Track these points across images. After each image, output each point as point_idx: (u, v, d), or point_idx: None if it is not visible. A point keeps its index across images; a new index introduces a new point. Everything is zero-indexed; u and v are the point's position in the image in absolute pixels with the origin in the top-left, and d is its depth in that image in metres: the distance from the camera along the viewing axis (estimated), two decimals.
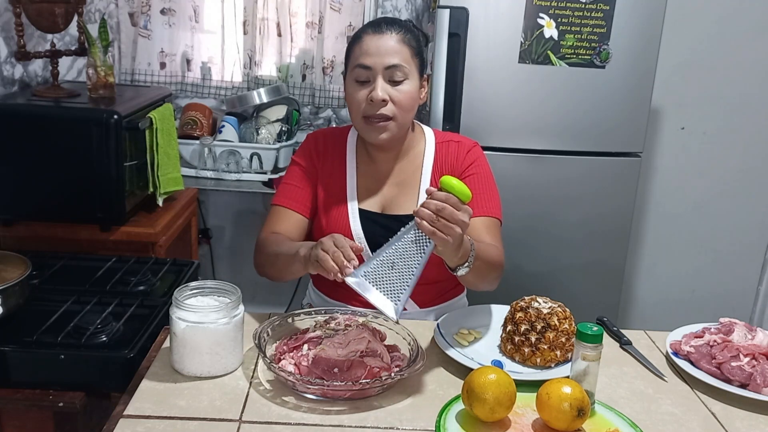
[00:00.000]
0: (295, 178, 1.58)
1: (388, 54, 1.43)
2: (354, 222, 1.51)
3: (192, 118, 2.64)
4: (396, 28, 1.46)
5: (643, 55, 2.27)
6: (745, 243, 3.02)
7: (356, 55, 1.46)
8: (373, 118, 1.45)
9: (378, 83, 1.43)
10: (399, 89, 1.44)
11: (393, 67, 1.43)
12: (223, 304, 1.20)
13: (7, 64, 2.03)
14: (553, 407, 1.05)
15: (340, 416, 1.10)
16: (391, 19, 1.51)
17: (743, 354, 1.26)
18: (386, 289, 1.17)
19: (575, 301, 1.59)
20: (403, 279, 1.17)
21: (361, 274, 1.16)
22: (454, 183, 1.15)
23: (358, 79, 1.45)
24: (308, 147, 1.60)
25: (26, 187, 1.87)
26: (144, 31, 2.81)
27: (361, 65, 1.44)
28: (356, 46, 1.47)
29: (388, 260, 1.17)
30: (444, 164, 1.57)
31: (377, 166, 1.57)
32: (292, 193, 1.56)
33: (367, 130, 1.48)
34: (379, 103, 1.43)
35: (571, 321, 1.28)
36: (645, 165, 2.79)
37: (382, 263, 1.17)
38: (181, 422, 1.06)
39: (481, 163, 1.57)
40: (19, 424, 1.34)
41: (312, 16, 2.83)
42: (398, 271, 1.17)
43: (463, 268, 1.27)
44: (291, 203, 1.55)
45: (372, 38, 1.44)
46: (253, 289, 2.96)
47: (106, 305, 1.51)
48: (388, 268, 1.17)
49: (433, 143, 1.59)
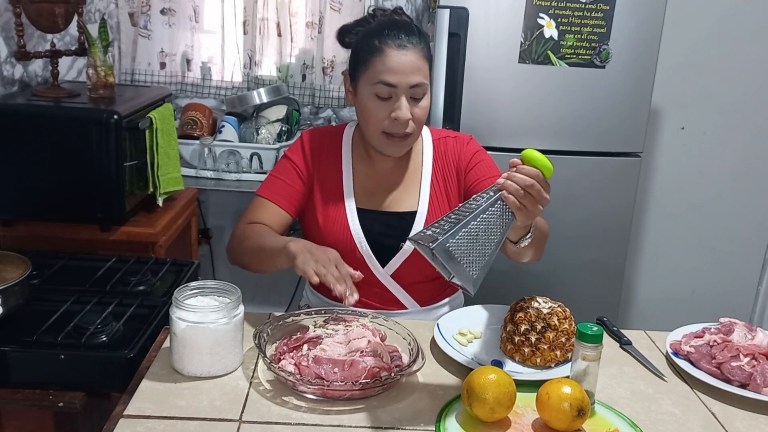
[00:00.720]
0: (284, 173, 1.56)
1: (413, 72, 1.42)
2: (352, 220, 1.51)
3: (192, 118, 2.64)
4: (415, 40, 1.44)
5: (643, 55, 2.27)
6: (744, 243, 3.02)
7: (378, 70, 1.42)
8: (395, 136, 1.45)
9: (402, 102, 1.42)
10: (419, 106, 1.45)
11: (416, 85, 1.43)
12: (223, 304, 1.20)
13: (7, 64, 2.03)
14: (553, 407, 1.05)
15: (340, 416, 1.10)
16: (407, 25, 1.47)
17: (743, 354, 1.26)
18: (468, 262, 1.10)
19: (575, 301, 1.59)
20: (485, 252, 1.11)
21: (446, 246, 1.08)
22: (540, 157, 1.11)
23: (380, 95, 1.43)
24: (302, 145, 1.59)
25: (26, 187, 1.87)
26: (144, 31, 2.81)
27: (384, 82, 1.42)
28: (377, 60, 1.43)
29: (473, 232, 1.11)
30: (444, 160, 1.58)
31: (375, 164, 1.57)
32: (280, 187, 1.55)
33: (386, 145, 1.48)
34: (404, 123, 1.43)
35: (571, 321, 1.28)
36: (645, 165, 2.79)
37: (468, 234, 1.10)
38: (181, 422, 1.06)
39: (482, 153, 1.60)
40: (19, 424, 1.34)
41: (312, 16, 2.83)
42: (481, 244, 1.11)
43: (526, 239, 1.28)
44: (276, 198, 1.53)
45: (396, 54, 1.41)
46: (253, 289, 2.97)
47: (106, 305, 1.51)
48: (472, 240, 1.10)
49: (430, 140, 1.60)
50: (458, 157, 1.58)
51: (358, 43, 1.50)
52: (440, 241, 1.08)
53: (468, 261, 1.10)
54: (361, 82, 1.47)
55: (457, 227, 1.09)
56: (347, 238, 1.50)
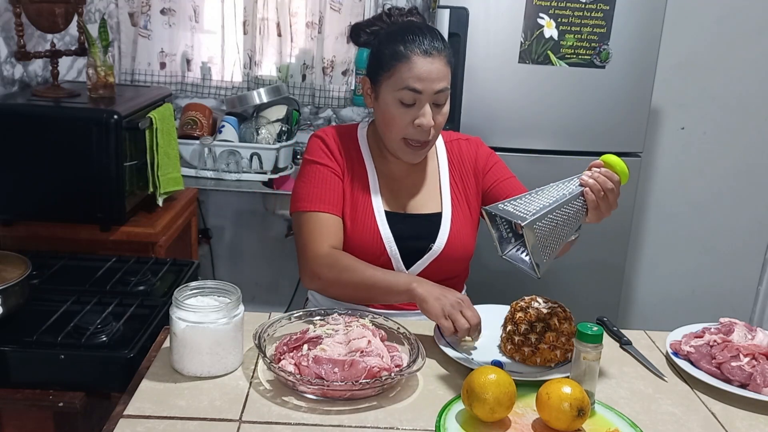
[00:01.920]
0: (321, 179, 1.51)
1: (438, 80, 1.41)
2: (381, 223, 1.50)
3: (192, 118, 2.64)
4: (440, 47, 1.43)
5: (643, 55, 2.27)
6: (745, 243, 3.02)
7: (405, 77, 1.40)
8: (415, 144, 1.45)
9: (426, 110, 1.42)
10: (441, 112, 1.45)
11: (440, 92, 1.43)
12: (223, 304, 1.20)
13: (7, 64, 2.03)
14: (553, 407, 1.05)
15: (340, 416, 1.10)
16: (431, 30, 1.45)
17: (743, 354, 1.26)
18: (544, 246, 1.14)
19: (575, 301, 1.59)
20: (557, 241, 1.16)
21: (534, 225, 1.12)
22: (619, 163, 1.18)
23: (405, 101, 1.42)
24: (324, 146, 1.54)
25: (26, 187, 1.87)
26: (144, 31, 2.81)
27: (411, 88, 1.41)
28: (403, 66, 1.41)
29: (556, 220, 1.15)
30: (461, 161, 1.60)
31: (392, 167, 1.57)
32: (327, 195, 1.49)
33: (406, 151, 1.48)
34: (427, 130, 1.43)
35: (571, 321, 1.28)
36: (645, 165, 2.79)
37: (552, 221, 1.14)
38: (181, 422, 1.06)
39: (494, 153, 1.63)
40: (19, 424, 1.34)
41: (312, 16, 2.83)
42: (557, 233, 1.16)
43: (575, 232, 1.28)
44: (330, 207, 1.48)
45: (423, 62, 1.40)
46: (253, 289, 2.97)
47: (106, 305, 1.51)
48: (553, 227, 1.15)
49: (443, 143, 1.62)
50: (474, 159, 1.60)
51: (380, 46, 1.47)
52: (529, 221, 1.11)
53: (544, 246, 1.14)
54: (384, 86, 1.45)
55: (545, 212, 1.13)
56: (377, 241, 1.49)
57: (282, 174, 2.60)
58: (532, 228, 1.11)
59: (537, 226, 1.12)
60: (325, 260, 1.44)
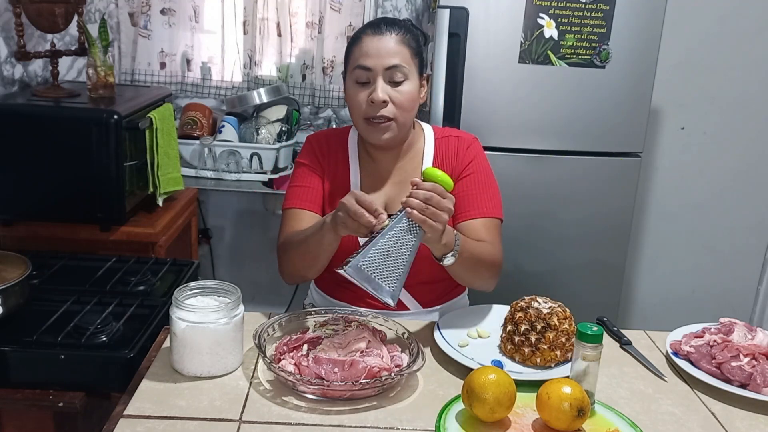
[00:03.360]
0: (302, 179, 1.57)
1: (389, 55, 1.43)
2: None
3: (192, 118, 2.64)
4: (395, 29, 1.46)
5: (643, 55, 2.27)
6: (745, 243, 3.02)
7: (356, 57, 1.46)
8: (375, 119, 1.45)
9: (378, 84, 1.43)
10: (399, 90, 1.45)
11: (393, 67, 1.43)
12: (223, 304, 1.20)
13: (7, 64, 2.04)
14: (553, 407, 1.05)
15: (340, 416, 1.10)
16: (391, 19, 1.51)
17: (743, 354, 1.26)
18: (383, 277, 1.21)
19: (575, 301, 1.59)
20: (398, 266, 1.22)
21: (358, 265, 1.19)
22: (438, 173, 1.23)
23: (359, 80, 1.45)
24: (310, 148, 1.60)
25: (26, 187, 1.87)
26: (144, 31, 2.81)
27: (361, 66, 1.44)
28: (356, 48, 1.47)
29: (383, 249, 1.21)
30: (444, 160, 1.56)
31: (378, 165, 1.57)
32: (303, 194, 1.55)
33: (368, 131, 1.48)
34: (379, 104, 1.43)
35: (571, 321, 1.28)
36: (645, 165, 2.78)
37: (378, 253, 1.20)
38: (181, 422, 1.06)
39: (480, 161, 1.57)
40: (19, 424, 1.34)
41: (312, 16, 2.83)
42: (393, 259, 1.21)
43: (449, 257, 1.31)
44: (303, 204, 1.54)
45: (371, 39, 1.45)
46: (253, 289, 2.97)
47: (106, 305, 1.51)
48: (383, 257, 1.21)
49: (432, 139, 1.59)
50: (455, 159, 1.56)
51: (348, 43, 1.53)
52: (351, 263, 1.18)
53: (383, 276, 1.21)
54: (347, 74, 1.50)
55: (368, 247, 1.20)
56: (352, 239, 1.50)
57: (282, 174, 2.60)
58: (358, 268, 1.19)
59: (363, 263, 1.19)
60: (282, 246, 1.50)
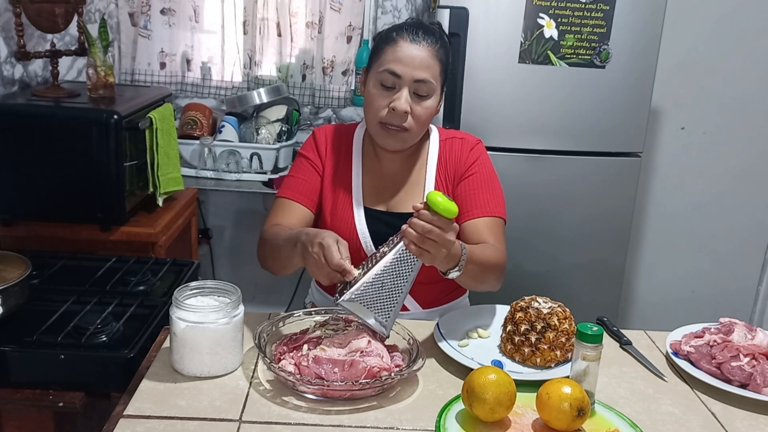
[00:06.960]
0: (300, 171, 1.57)
1: (420, 67, 1.41)
2: (359, 221, 1.51)
3: (192, 118, 2.64)
4: (432, 40, 1.44)
5: (643, 55, 2.27)
6: (744, 243, 3.02)
7: (387, 58, 1.43)
8: (391, 126, 1.45)
9: (403, 94, 1.42)
10: (422, 104, 1.44)
11: (421, 81, 1.42)
12: (223, 304, 1.20)
13: (7, 64, 2.03)
14: (553, 407, 1.05)
15: (340, 416, 1.10)
16: (428, 26, 1.47)
17: (743, 354, 1.26)
18: (377, 308, 1.20)
19: (575, 301, 1.59)
20: (393, 297, 1.21)
21: (354, 297, 1.18)
22: (440, 201, 1.15)
23: (384, 83, 1.43)
24: (315, 141, 1.59)
25: (26, 187, 1.87)
26: (144, 31, 2.81)
27: (390, 71, 1.42)
28: (389, 48, 1.44)
29: (379, 280, 1.20)
30: (448, 162, 1.57)
31: (383, 165, 1.57)
32: (298, 185, 1.55)
33: (381, 135, 1.47)
34: (400, 114, 1.43)
35: (571, 321, 1.28)
36: (645, 165, 2.79)
37: (374, 284, 1.19)
38: (181, 422, 1.06)
39: (483, 161, 1.57)
40: (19, 424, 1.34)
41: (312, 16, 2.83)
42: (388, 290, 1.20)
43: (454, 271, 1.27)
44: (295, 195, 1.54)
45: (408, 46, 1.42)
46: (253, 289, 2.97)
47: (106, 305, 1.51)
48: (378, 288, 1.19)
49: (437, 141, 1.59)
50: (459, 160, 1.56)
51: (378, 35, 1.51)
52: (345, 296, 1.18)
53: (376, 308, 1.19)
54: (372, 70, 1.48)
55: (362, 279, 1.19)
56: (353, 238, 1.50)
57: (282, 174, 2.60)
58: (351, 300, 1.18)
59: (356, 296, 1.18)
60: (262, 236, 1.49)
